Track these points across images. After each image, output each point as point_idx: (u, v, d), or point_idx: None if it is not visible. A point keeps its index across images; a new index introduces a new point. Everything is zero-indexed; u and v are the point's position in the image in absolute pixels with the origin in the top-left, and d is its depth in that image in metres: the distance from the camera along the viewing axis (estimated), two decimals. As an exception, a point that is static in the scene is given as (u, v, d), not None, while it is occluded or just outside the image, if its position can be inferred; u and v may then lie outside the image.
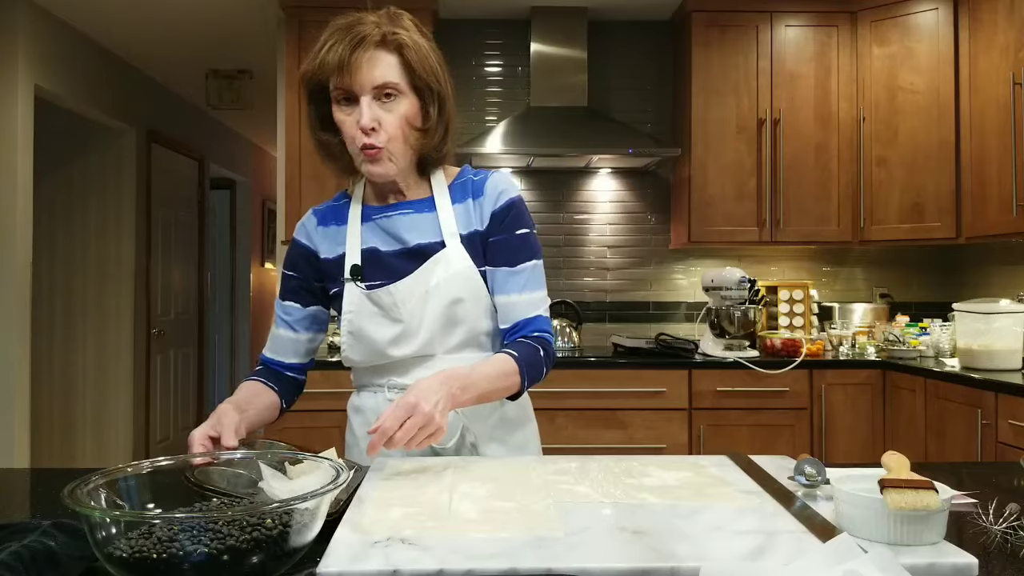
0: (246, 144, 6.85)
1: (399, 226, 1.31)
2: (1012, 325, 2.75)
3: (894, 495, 0.80)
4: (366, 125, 1.21)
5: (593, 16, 3.80)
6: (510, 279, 1.30)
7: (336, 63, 1.18)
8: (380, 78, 1.20)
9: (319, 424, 3.10)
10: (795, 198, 3.56)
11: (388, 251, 1.31)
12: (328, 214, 1.38)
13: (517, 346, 1.26)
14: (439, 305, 1.27)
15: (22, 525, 0.81)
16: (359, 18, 1.22)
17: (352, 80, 1.19)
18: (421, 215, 1.32)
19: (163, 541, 0.69)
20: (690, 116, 3.59)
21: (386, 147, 1.23)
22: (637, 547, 0.80)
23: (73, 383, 4.64)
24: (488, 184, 1.34)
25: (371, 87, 1.20)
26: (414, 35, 1.24)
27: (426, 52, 1.24)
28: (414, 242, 1.30)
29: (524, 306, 1.30)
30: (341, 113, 1.24)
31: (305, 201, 3.47)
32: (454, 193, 1.34)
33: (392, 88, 1.21)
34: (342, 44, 1.18)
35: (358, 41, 1.18)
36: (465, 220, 1.32)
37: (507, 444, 1.36)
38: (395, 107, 1.22)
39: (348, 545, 0.80)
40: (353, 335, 1.31)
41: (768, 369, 3.16)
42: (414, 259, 1.30)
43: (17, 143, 3.60)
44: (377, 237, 1.32)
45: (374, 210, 1.34)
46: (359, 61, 1.18)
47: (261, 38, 4.18)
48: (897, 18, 3.46)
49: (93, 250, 4.65)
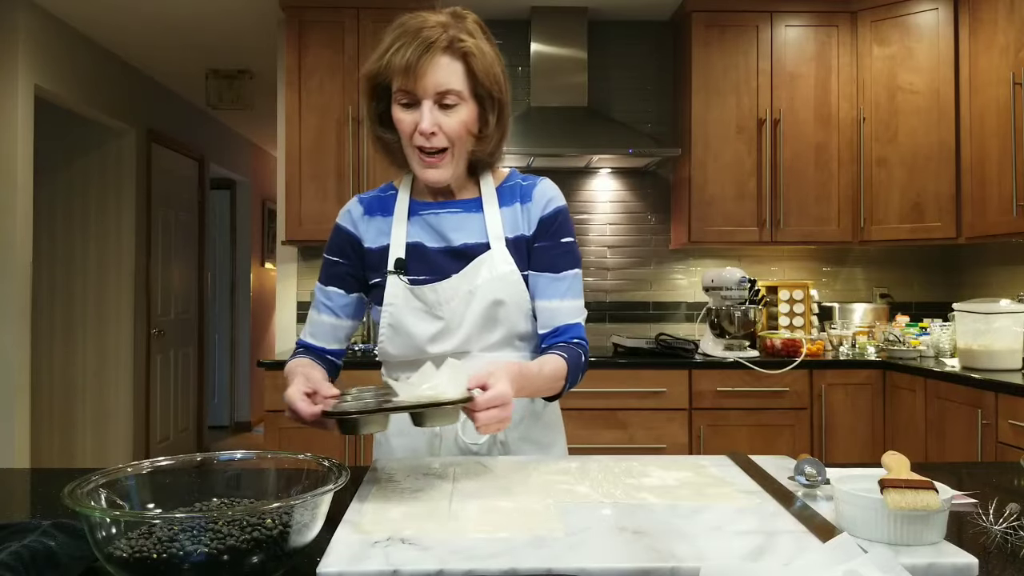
0: (246, 144, 6.85)
1: (446, 224, 1.32)
2: (1012, 325, 2.75)
3: (894, 495, 0.80)
4: (426, 130, 1.22)
5: (593, 16, 3.81)
6: (552, 285, 1.32)
7: (402, 66, 1.19)
8: (444, 84, 1.21)
9: (319, 424, 3.10)
10: (795, 198, 3.56)
11: (433, 247, 1.32)
12: (374, 204, 1.38)
13: (567, 350, 1.28)
14: (481, 306, 1.28)
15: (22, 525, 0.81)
16: (424, 19, 1.22)
17: (416, 84, 1.20)
18: (468, 215, 1.33)
19: (163, 541, 0.69)
20: (690, 116, 3.59)
21: (443, 152, 1.25)
22: (637, 547, 0.80)
23: (73, 383, 4.64)
24: (537, 190, 1.36)
25: (434, 92, 1.21)
26: (480, 41, 1.24)
27: (491, 60, 1.25)
28: (459, 242, 1.31)
29: (565, 312, 1.32)
30: (401, 113, 1.24)
31: (305, 201, 3.47)
32: (502, 196, 1.35)
33: (455, 95, 1.22)
34: (410, 48, 1.19)
35: (426, 46, 1.19)
36: (512, 224, 1.33)
37: (537, 444, 1.37)
38: (455, 113, 1.23)
39: (348, 545, 0.80)
40: (393, 327, 1.31)
41: (768, 369, 3.16)
42: (458, 258, 1.31)
43: (17, 143, 3.60)
44: (423, 232, 1.33)
45: (422, 205, 1.35)
46: (425, 66, 1.19)
47: (261, 38, 4.18)
48: (897, 18, 3.46)
49: (93, 250, 4.65)
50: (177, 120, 5.36)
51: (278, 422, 3.14)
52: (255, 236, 6.94)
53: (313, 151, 3.48)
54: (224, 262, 6.68)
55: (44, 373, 4.55)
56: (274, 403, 3.14)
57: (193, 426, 5.74)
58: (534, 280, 1.33)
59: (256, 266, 6.97)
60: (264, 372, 3.17)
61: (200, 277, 5.89)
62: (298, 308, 3.85)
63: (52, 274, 4.62)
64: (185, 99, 5.47)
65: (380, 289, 1.32)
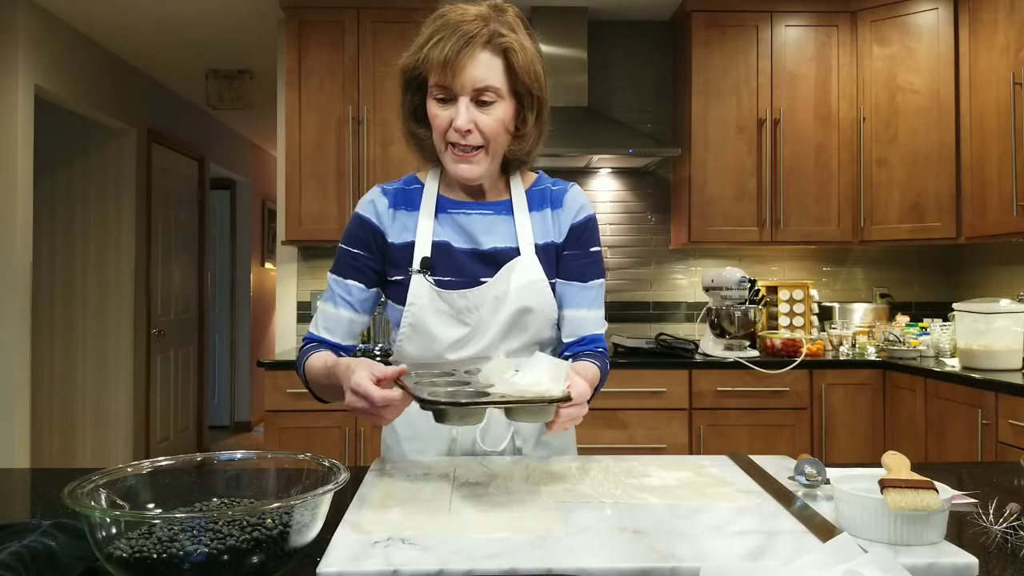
0: (246, 144, 6.85)
1: (476, 226, 1.30)
2: (1012, 325, 2.75)
3: (894, 495, 0.80)
4: (462, 127, 1.19)
5: (593, 16, 3.80)
6: (580, 294, 1.32)
7: (440, 61, 1.16)
8: (482, 81, 1.18)
9: (320, 424, 3.11)
10: (795, 198, 3.56)
11: (460, 248, 1.29)
12: (399, 197, 1.33)
13: (598, 358, 1.30)
14: (508, 313, 1.26)
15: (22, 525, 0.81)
16: (464, 12, 1.19)
17: (454, 80, 1.17)
18: (499, 218, 1.31)
19: (163, 541, 0.69)
20: (690, 116, 3.59)
21: (479, 149, 1.22)
22: (637, 547, 0.80)
23: (73, 383, 4.64)
24: (568, 196, 1.34)
25: (472, 88, 1.18)
26: (521, 37, 1.21)
27: (532, 56, 1.22)
28: (488, 245, 1.29)
29: (591, 322, 1.33)
30: (437, 108, 1.21)
31: (305, 201, 3.47)
32: (531, 200, 1.33)
33: (493, 91, 1.19)
34: (449, 42, 1.16)
35: (465, 41, 1.16)
36: (542, 230, 1.32)
37: (550, 447, 1.35)
38: (493, 110, 1.20)
39: (348, 545, 0.80)
40: (414, 328, 1.27)
41: (768, 369, 3.16)
42: (485, 263, 1.28)
43: (17, 143, 3.60)
44: (451, 232, 1.30)
45: (451, 203, 1.31)
46: (463, 61, 1.16)
47: (261, 38, 4.18)
48: (897, 18, 3.46)
49: (93, 250, 4.65)
50: (177, 120, 5.36)
51: (278, 422, 3.14)
52: (255, 236, 6.94)
53: (313, 151, 3.48)
54: (224, 262, 6.68)
55: (44, 373, 4.55)
56: (274, 403, 3.13)
57: (193, 426, 5.74)
58: (562, 288, 1.31)
59: (256, 266, 6.97)
60: (264, 372, 3.17)
61: (200, 277, 5.89)
62: (298, 308, 3.85)
63: (52, 274, 4.62)
64: (185, 99, 5.47)
65: (400, 287, 1.29)
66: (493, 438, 1.29)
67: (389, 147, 3.48)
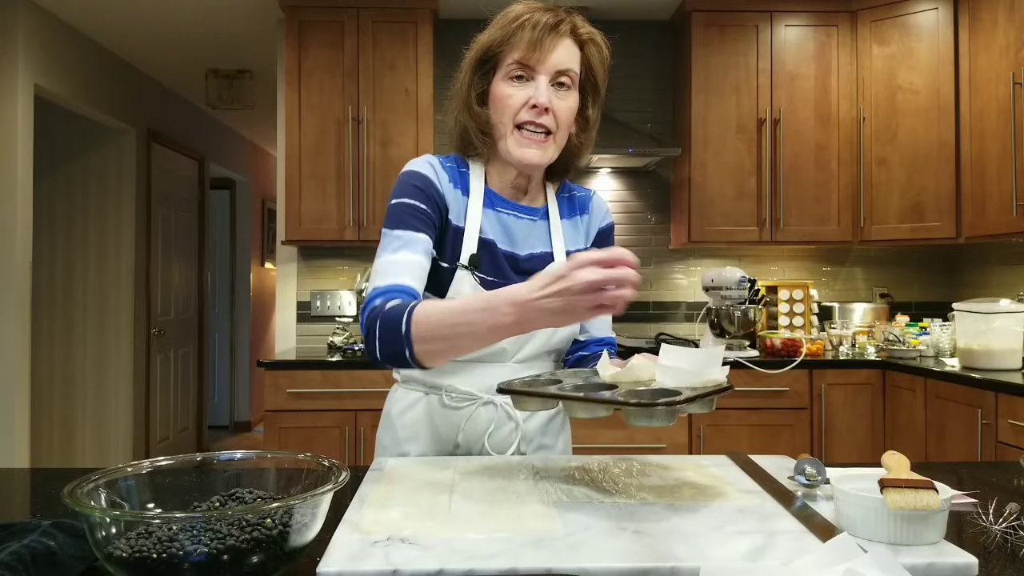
0: (246, 144, 6.85)
1: (519, 229, 1.29)
2: (1012, 325, 2.75)
3: (894, 495, 0.80)
4: (543, 103, 1.18)
5: (593, 16, 3.79)
6: None
7: (530, 39, 1.17)
8: (565, 63, 1.20)
9: (320, 424, 3.10)
10: (795, 198, 3.56)
11: (503, 250, 1.28)
12: (454, 175, 1.28)
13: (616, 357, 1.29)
14: None
15: (22, 525, 0.81)
16: (540, 6, 1.21)
17: (539, 58, 1.18)
18: (537, 223, 1.32)
19: (163, 541, 0.69)
20: (690, 116, 3.59)
21: (548, 135, 1.22)
22: (637, 547, 0.80)
23: (73, 383, 4.64)
24: (593, 203, 1.39)
25: (554, 70, 1.19)
26: (595, 36, 1.25)
27: (605, 55, 1.27)
28: (526, 251, 1.29)
29: (605, 324, 1.39)
30: (510, 87, 1.20)
31: (305, 201, 3.47)
32: (561, 206, 1.36)
33: (570, 78, 1.21)
34: (539, 24, 1.17)
35: (554, 23, 1.18)
36: (573, 237, 1.35)
37: (552, 450, 1.37)
38: (568, 96, 1.22)
39: (348, 545, 0.80)
40: None
41: (768, 369, 3.16)
42: (519, 266, 1.28)
43: (17, 143, 3.60)
44: (497, 231, 1.28)
45: (500, 200, 1.29)
46: (554, 43, 1.18)
47: (261, 38, 4.18)
48: (897, 18, 3.46)
49: (93, 250, 4.65)
50: (177, 120, 5.36)
51: (278, 422, 3.13)
52: (255, 236, 6.94)
53: (313, 151, 3.48)
54: (224, 262, 6.68)
55: (44, 373, 4.55)
56: (274, 403, 3.13)
57: (193, 426, 5.74)
58: None
59: (256, 266, 6.98)
60: (264, 372, 3.16)
61: (200, 277, 5.89)
62: (298, 308, 3.85)
63: (52, 274, 4.62)
64: (185, 99, 5.47)
65: (438, 273, 1.23)
66: (500, 442, 1.30)
67: (389, 147, 3.48)
